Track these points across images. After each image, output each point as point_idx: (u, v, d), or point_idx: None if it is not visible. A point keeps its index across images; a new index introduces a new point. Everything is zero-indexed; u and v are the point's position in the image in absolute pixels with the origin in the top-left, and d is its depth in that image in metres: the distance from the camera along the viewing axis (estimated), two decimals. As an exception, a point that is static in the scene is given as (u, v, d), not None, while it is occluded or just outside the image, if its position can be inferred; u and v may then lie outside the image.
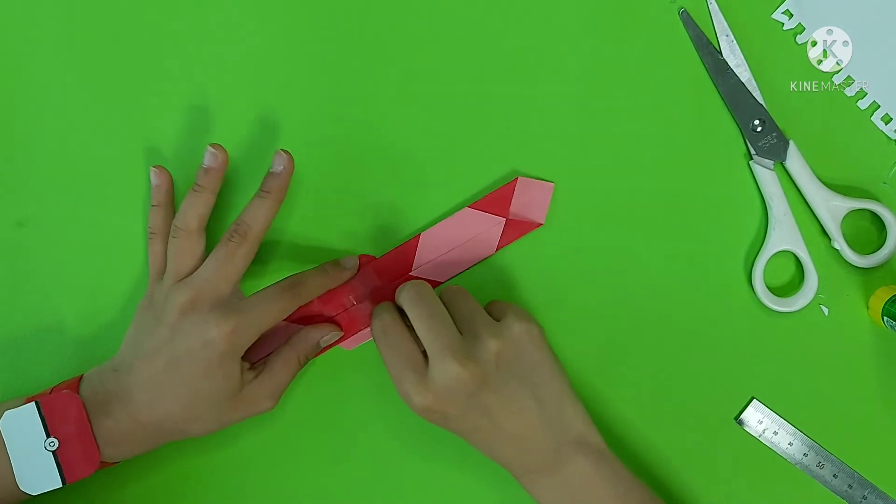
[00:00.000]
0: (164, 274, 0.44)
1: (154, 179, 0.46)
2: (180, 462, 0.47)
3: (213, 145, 0.44)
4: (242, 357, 0.43)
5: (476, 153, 0.48)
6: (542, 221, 0.48)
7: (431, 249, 0.47)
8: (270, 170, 0.44)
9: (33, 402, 0.41)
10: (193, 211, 0.44)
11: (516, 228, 0.48)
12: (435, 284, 0.48)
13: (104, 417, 0.41)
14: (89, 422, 0.41)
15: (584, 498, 0.42)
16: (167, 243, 0.45)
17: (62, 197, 0.47)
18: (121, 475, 0.47)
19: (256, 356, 0.45)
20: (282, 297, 0.44)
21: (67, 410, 0.41)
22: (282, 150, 0.44)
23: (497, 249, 0.48)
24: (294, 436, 0.48)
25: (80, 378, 0.43)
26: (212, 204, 0.44)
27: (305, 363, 0.46)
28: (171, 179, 0.46)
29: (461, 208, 0.47)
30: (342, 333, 0.47)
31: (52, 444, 0.40)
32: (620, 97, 0.48)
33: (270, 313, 0.43)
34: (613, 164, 0.49)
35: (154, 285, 0.45)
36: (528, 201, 0.47)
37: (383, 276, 0.47)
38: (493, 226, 0.47)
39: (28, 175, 0.47)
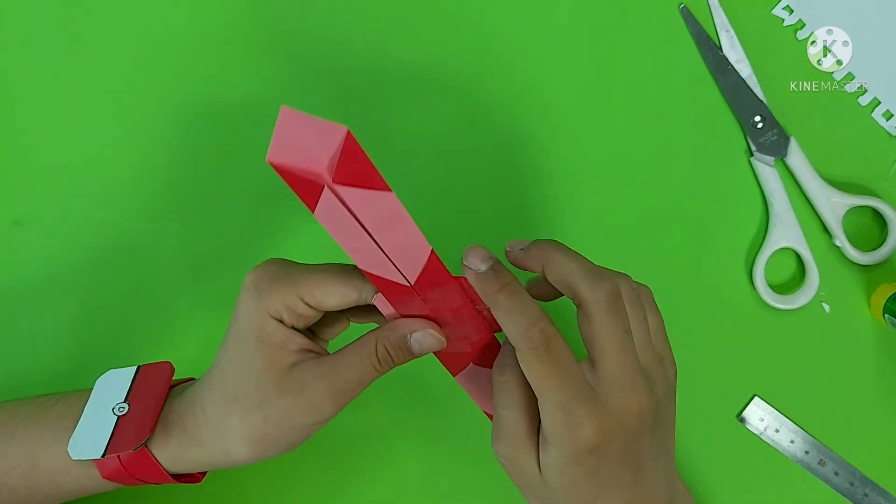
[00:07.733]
0: None
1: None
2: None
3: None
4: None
5: (476, 160, 0.48)
6: (345, 127, 0.28)
7: (364, 252, 0.32)
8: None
9: (135, 367, 0.40)
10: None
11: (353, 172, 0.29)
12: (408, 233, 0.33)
13: (169, 437, 0.37)
14: (164, 401, 0.38)
15: None
16: None
17: (59, 195, 0.47)
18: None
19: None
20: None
21: (157, 378, 0.39)
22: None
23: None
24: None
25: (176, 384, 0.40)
26: None
27: (386, 369, 0.36)
28: None
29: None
30: (441, 339, 0.35)
31: (121, 409, 0.39)
32: (621, 93, 0.48)
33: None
34: (614, 160, 0.48)
35: None
36: (305, 145, 0.28)
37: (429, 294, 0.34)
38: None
39: (25, 173, 0.47)
